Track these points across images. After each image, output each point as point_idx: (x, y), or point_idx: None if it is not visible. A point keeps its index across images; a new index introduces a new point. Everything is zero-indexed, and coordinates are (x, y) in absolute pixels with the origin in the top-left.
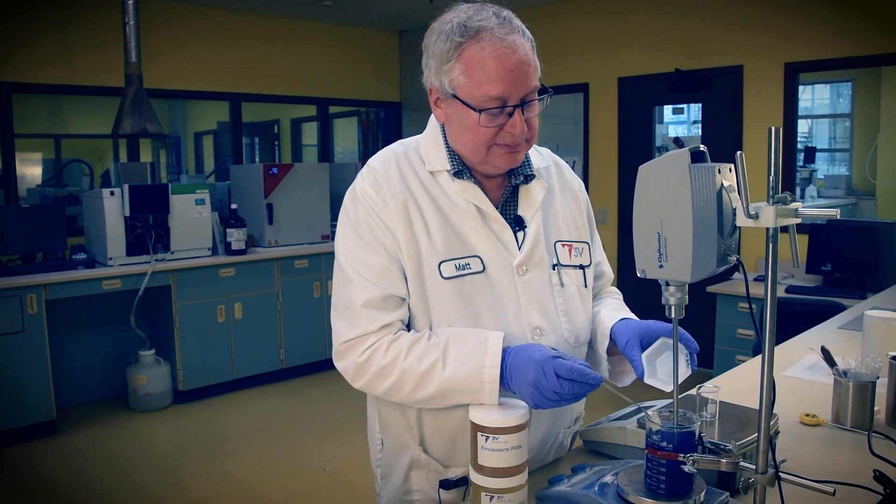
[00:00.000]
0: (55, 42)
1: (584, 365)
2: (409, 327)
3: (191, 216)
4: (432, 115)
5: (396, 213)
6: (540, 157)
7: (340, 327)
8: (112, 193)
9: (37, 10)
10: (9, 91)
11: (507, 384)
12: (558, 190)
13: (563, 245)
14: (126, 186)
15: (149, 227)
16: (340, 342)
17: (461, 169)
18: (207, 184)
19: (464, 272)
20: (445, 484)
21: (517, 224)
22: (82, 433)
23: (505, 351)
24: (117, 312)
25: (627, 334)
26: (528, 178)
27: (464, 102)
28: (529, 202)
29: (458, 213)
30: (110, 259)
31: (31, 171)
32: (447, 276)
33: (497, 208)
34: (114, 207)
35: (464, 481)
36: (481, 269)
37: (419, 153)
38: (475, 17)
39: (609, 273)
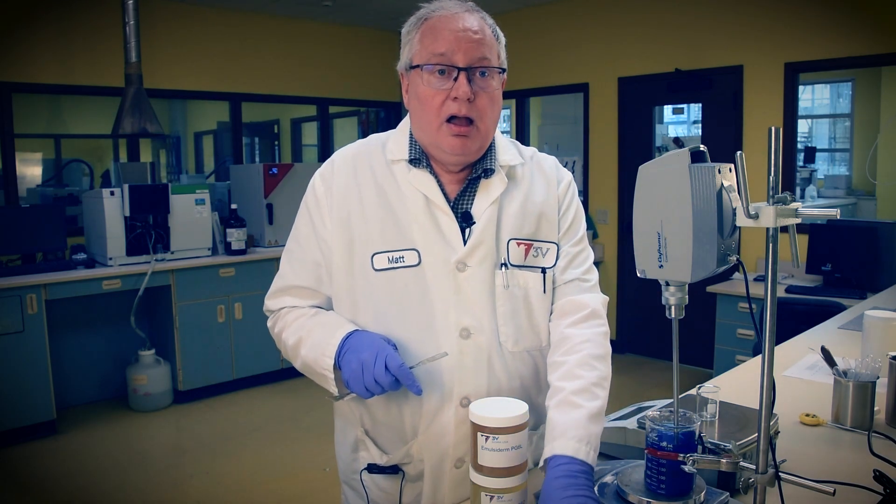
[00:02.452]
0: (55, 42)
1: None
2: (344, 315)
3: (191, 216)
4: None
5: (337, 202)
6: (517, 155)
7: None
8: (112, 193)
9: (37, 10)
10: (9, 91)
11: (338, 358)
12: (530, 185)
13: (519, 244)
14: (126, 186)
15: (149, 227)
16: (264, 308)
17: (418, 157)
18: (207, 184)
19: (396, 265)
20: (372, 468)
21: (465, 220)
22: (82, 433)
23: (352, 332)
24: (117, 312)
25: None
26: (489, 172)
27: (409, 66)
28: (484, 197)
29: (405, 205)
30: (110, 259)
31: (31, 171)
32: (378, 269)
33: (451, 202)
34: (114, 207)
35: (393, 469)
36: (416, 262)
37: (384, 145)
38: (442, 3)
39: (586, 279)
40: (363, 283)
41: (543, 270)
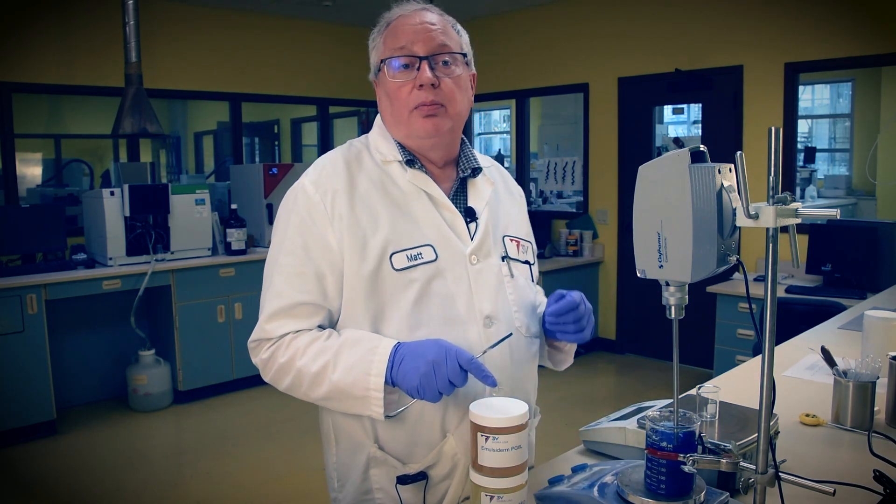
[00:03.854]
0: (55, 42)
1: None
2: (360, 321)
3: (191, 216)
4: (377, 117)
5: (342, 204)
6: (484, 159)
7: (256, 326)
8: (112, 193)
9: (37, 10)
10: (9, 91)
11: (390, 370)
12: (503, 190)
13: (511, 240)
14: (126, 186)
15: (149, 227)
16: (250, 340)
17: (412, 158)
18: (207, 184)
19: (416, 262)
20: (403, 479)
21: (469, 215)
22: (82, 433)
23: (399, 344)
24: (117, 312)
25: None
26: (476, 171)
27: (377, 69)
28: (478, 195)
29: (409, 202)
30: (110, 259)
31: (31, 171)
32: (399, 268)
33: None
34: (114, 207)
35: (422, 476)
36: (434, 257)
37: (369, 148)
38: (401, 7)
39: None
40: (385, 283)
41: (528, 263)
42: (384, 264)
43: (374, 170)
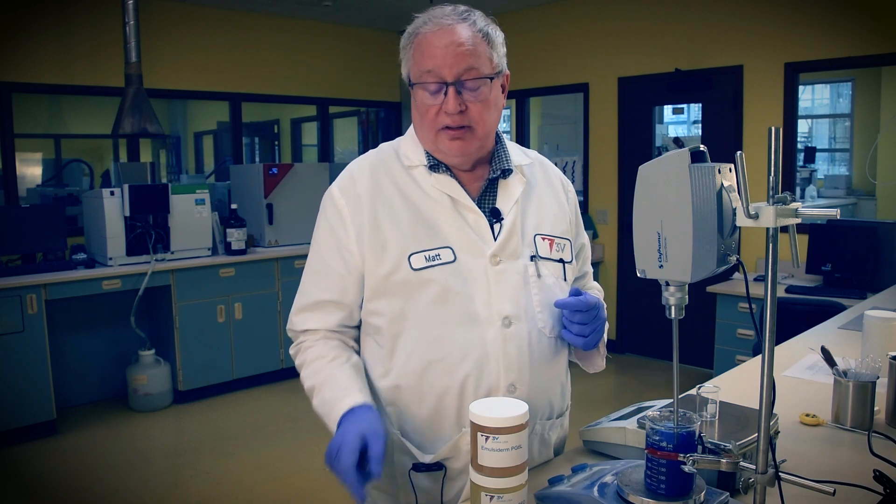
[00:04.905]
0: (55, 42)
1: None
2: (381, 320)
3: (191, 216)
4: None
5: (364, 209)
6: (524, 156)
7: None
8: (112, 193)
9: (37, 10)
10: (9, 91)
11: (340, 424)
12: (542, 187)
13: (544, 239)
14: (126, 186)
15: (149, 227)
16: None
17: (437, 163)
18: (207, 184)
19: (434, 263)
20: (417, 467)
21: (494, 216)
22: (82, 433)
23: (355, 407)
24: (117, 312)
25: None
26: (506, 172)
27: (409, 82)
28: (507, 195)
29: (432, 205)
30: (110, 259)
31: (31, 171)
32: (417, 268)
33: (474, 201)
34: (114, 207)
35: (437, 466)
36: (452, 259)
37: (398, 152)
38: (434, 12)
39: (591, 270)
40: (403, 284)
41: (562, 262)
42: (402, 265)
43: (400, 174)
